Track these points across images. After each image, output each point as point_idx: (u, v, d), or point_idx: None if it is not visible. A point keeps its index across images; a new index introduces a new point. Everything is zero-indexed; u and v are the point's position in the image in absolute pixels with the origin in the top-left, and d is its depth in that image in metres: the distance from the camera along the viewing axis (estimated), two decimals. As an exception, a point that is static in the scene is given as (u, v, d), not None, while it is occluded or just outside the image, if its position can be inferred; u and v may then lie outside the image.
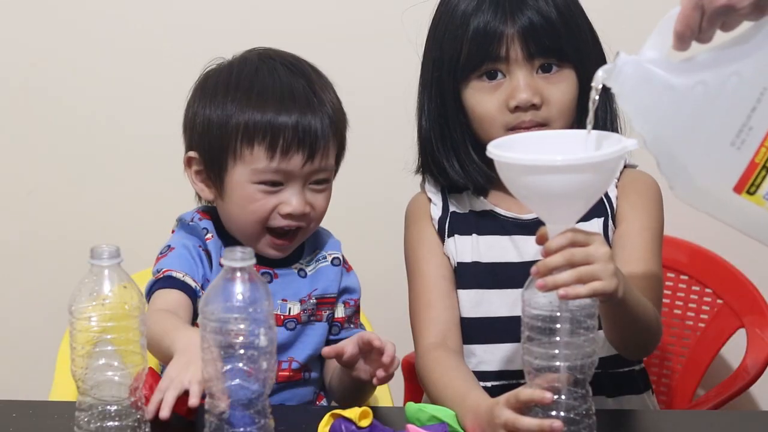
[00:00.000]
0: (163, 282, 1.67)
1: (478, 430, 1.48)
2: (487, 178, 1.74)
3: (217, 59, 1.76)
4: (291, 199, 1.67)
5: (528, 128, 1.68)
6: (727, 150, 1.35)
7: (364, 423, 1.47)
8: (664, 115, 1.35)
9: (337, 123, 1.71)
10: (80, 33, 2.39)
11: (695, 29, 1.33)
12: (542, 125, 1.68)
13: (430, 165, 1.78)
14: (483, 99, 1.70)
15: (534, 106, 1.67)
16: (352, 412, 1.47)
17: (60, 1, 2.39)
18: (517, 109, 1.67)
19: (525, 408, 1.39)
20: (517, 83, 1.67)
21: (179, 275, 1.67)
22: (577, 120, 1.70)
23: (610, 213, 1.74)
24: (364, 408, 1.48)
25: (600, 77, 1.38)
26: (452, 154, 1.74)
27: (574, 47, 1.68)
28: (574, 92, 1.69)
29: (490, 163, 1.72)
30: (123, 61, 2.39)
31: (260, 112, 1.66)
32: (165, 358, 1.54)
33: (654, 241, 1.72)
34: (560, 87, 1.69)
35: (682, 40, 1.34)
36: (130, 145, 2.41)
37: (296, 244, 1.73)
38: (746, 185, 1.35)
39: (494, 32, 1.66)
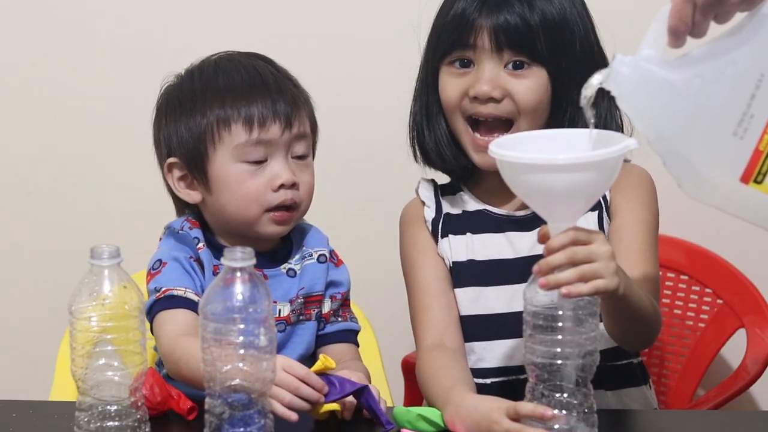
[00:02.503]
0: (165, 302, 1.65)
1: (457, 422, 1.49)
2: (463, 168, 1.76)
3: (170, 75, 1.77)
4: (279, 171, 1.67)
5: (486, 120, 1.69)
6: (730, 140, 1.34)
7: (331, 364, 1.51)
8: (665, 112, 1.35)
9: (307, 99, 1.73)
10: (80, 33, 2.39)
11: (688, 23, 1.33)
12: (503, 119, 1.69)
13: (418, 150, 1.80)
14: (449, 84, 1.71)
15: (493, 99, 1.67)
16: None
17: (60, 1, 2.39)
18: (475, 99, 1.68)
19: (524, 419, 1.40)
20: (481, 74, 1.68)
21: (180, 292, 1.65)
22: (551, 120, 1.71)
23: (604, 206, 1.75)
24: (321, 359, 1.51)
25: (595, 83, 1.38)
26: (434, 139, 1.76)
27: (552, 50, 1.67)
28: (543, 91, 1.69)
29: (480, 179, 1.77)
30: (123, 61, 2.39)
31: (230, 103, 1.67)
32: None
33: (650, 232, 1.73)
34: (526, 83, 1.68)
35: (676, 36, 1.34)
36: (130, 145, 2.40)
37: (291, 223, 1.72)
38: (753, 174, 1.35)
39: (467, 19, 1.67)
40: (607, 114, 1.73)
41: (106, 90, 2.40)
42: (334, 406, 1.51)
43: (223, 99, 1.68)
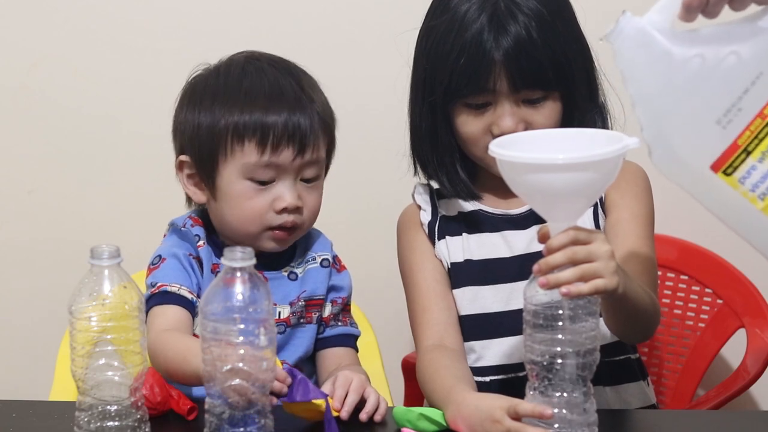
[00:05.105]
0: (159, 298, 1.66)
1: (459, 421, 1.49)
2: (473, 195, 1.78)
3: (201, 65, 1.76)
4: (284, 194, 1.67)
5: None
6: (712, 127, 1.34)
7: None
8: (657, 80, 1.35)
9: (327, 120, 1.71)
10: (80, 33, 2.39)
11: (703, 1, 1.33)
12: None
13: (422, 174, 1.81)
14: (468, 120, 1.71)
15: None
16: None
17: (60, 1, 2.39)
18: (500, 135, 1.67)
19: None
20: (502, 112, 1.68)
21: (174, 288, 1.66)
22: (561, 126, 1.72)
23: (599, 202, 1.76)
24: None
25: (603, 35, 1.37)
26: (443, 170, 1.77)
27: (563, 78, 1.69)
28: (558, 112, 1.71)
29: (474, 179, 1.79)
30: (123, 61, 2.39)
31: (249, 112, 1.66)
32: (191, 380, 1.54)
33: (646, 227, 1.74)
34: (544, 113, 1.70)
35: (689, 11, 1.34)
36: (130, 145, 2.41)
37: (292, 240, 1.73)
38: (724, 165, 1.35)
39: (481, 64, 1.66)
40: (596, 110, 1.75)
41: (106, 90, 2.40)
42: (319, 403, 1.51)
43: (241, 112, 1.66)
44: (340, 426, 1.50)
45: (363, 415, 1.54)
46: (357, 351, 1.81)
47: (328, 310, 1.78)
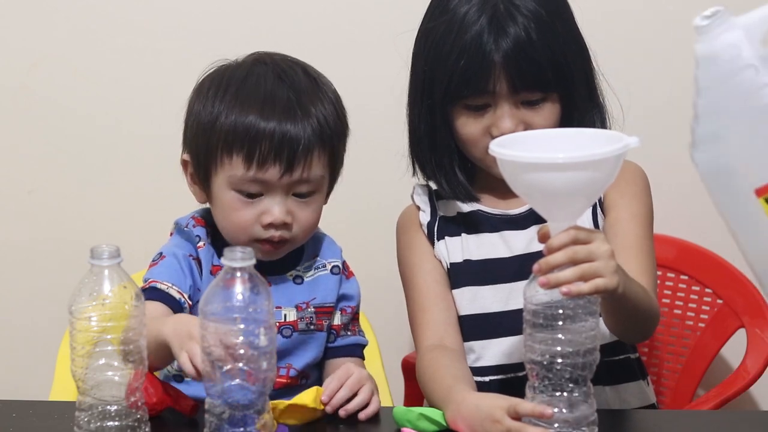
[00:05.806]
0: (148, 293, 1.65)
1: (459, 421, 1.49)
2: (471, 197, 1.79)
3: (219, 61, 1.76)
4: (272, 208, 1.65)
5: None
6: None
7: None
8: (732, 87, 1.28)
9: (326, 134, 1.67)
10: (80, 33, 2.39)
11: None
12: None
13: (421, 175, 1.82)
14: (467, 122, 1.72)
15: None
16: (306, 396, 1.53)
17: (60, 1, 2.39)
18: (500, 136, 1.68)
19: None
20: (502, 113, 1.69)
21: (164, 286, 1.66)
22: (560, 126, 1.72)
23: (598, 201, 1.76)
24: (315, 388, 1.54)
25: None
26: (441, 172, 1.78)
27: (562, 79, 1.69)
28: (557, 113, 1.72)
29: (473, 180, 1.80)
30: (123, 61, 2.39)
31: (242, 117, 1.64)
32: (160, 356, 1.53)
33: (645, 226, 1.74)
34: (543, 114, 1.70)
35: None
36: (131, 145, 2.41)
37: (282, 253, 1.71)
38: None
39: (481, 66, 1.67)
40: (596, 115, 1.75)
41: (106, 90, 2.40)
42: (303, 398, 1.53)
43: (233, 118, 1.64)
44: (340, 424, 1.50)
45: (342, 412, 1.55)
46: (363, 359, 1.81)
47: (337, 319, 1.78)
